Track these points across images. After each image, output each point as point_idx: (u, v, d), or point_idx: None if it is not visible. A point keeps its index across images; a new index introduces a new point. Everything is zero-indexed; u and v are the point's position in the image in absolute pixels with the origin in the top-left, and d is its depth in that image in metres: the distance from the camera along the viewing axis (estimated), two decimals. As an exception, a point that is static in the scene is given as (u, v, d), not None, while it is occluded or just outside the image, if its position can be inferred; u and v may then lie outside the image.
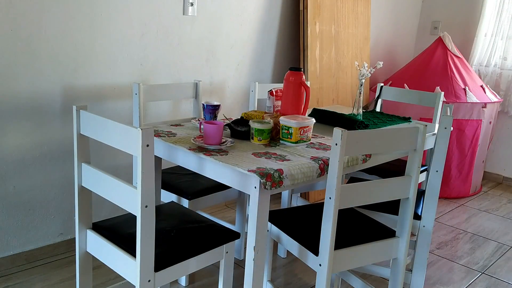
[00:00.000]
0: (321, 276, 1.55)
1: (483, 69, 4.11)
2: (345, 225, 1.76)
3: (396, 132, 1.52)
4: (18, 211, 2.19)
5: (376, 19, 3.97)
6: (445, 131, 1.87)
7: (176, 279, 1.96)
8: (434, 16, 4.44)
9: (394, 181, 1.59)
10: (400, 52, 4.44)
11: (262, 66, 3.15)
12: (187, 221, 1.68)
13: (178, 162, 1.73)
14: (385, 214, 2.07)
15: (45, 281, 2.14)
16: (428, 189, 1.94)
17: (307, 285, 2.29)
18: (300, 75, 2.00)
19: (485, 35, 4.05)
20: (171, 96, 2.32)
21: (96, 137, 1.43)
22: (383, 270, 2.11)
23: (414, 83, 3.61)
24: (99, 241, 1.55)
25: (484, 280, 2.46)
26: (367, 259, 1.65)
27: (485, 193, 3.93)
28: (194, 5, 2.63)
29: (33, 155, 2.18)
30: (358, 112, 2.26)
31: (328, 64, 3.30)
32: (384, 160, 1.93)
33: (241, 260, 2.45)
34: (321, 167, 1.58)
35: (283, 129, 1.80)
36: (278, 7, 3.13)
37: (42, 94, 2.15)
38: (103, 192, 1.45)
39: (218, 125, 1.67)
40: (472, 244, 2.90)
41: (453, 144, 3.58)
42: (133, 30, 2.41)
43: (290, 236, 1.71)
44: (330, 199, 1.45)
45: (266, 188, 1.41)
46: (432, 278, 2.44)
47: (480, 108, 3.55)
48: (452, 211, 3.45)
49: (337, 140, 1.39)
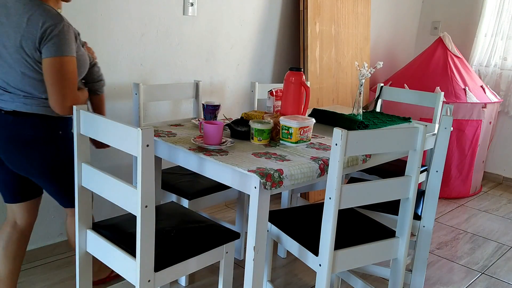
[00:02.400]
0: (321, 276, 1.55)
1: (483, 69, 4.11)
2: (345, 225, 1.76)
3: (396, 132, 1.52)
4: (18, 211, 2.19)
5: (376, 19, 3.97)
6: (445, 131, 1.87)
7: (176, 279, 1.96)
8: (434, 16, 4.44)
9: (394, 181, 1.59)
10: (400, 52, 4.44)
11: (262, 66, 3.14)
12: (187, 221, 1.68)
13: (178, 162, 1.73)
14: (385, 214, 2.07)
15: (45, 281, 2.14)
16: (428, 189, 1.94)
17: (307, 285, 2.29)
18: (300, 75, 2.00)
19: (485, 35, 4.05)
20: (171, 96, 2.31)
21: (96, 137, 1.43)
22: (383, 270, 2.11)
23: (414, 83, 3.61)
24: (99, 241, 1.55)
25: (484, 280, 2.46)
26: (367, 259, 1.65)
27: (485, 193, 3.93)
28: (194, 5, 2.63)
29: (33, 155, 2.18)
30: (358, 112, 2.26)
31: (328, 64, 3.30)
32: (384, 160, 1.93)
33: (241, 260, 2.45)
34: (321, 167, 1.58)
35: (283, 129, 1.80)
36: (278, 7, 3.13)
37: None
38: (103, 192, 1.45)
39: (218, 125, 1.67)
40: (472, 244, 2.90)
41: (453, 144, 3.58)
42: (133, 30, 2.41)
43: (290, 236, 1.71)
44: (330, 199, 1.45)
45: (266, 188, 1.41)
46: (432, 278, 2.44)
47: (480, 108, 3.55)
48: (452, 211, 3.45)
49: (337, 140, 1.39)
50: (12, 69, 1.59)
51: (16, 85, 1.61)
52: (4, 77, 1.62)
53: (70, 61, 1.58)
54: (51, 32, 1.53)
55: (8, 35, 1.56)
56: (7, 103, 1.63)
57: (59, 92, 1.58)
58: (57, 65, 1.56)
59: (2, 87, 1.64)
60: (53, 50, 1.54)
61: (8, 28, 1.56)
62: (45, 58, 1.55)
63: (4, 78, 1.62)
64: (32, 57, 1.56)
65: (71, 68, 1.59)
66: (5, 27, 1.57)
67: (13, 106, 1.62)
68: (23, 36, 1.54)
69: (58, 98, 1.58)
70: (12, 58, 1.58)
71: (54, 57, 1.55)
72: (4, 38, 1.58)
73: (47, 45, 1.54)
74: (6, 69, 1.60)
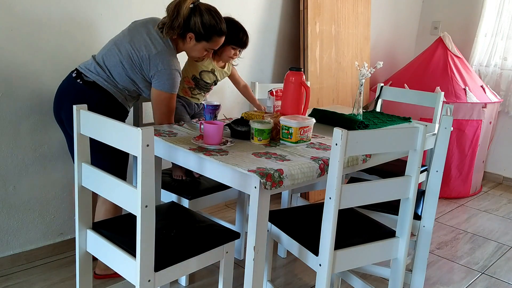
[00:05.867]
0: (321, 276, 1.55)
1: (483, 69, 4.11)
2: (345, 225, 1.76)
3: (396, 132, 1.52)
4: (18, 211, 2.19)
5: (376, 19, 3.97)
6: (445, 131, 1.87)
7: (176, 279, 1.96)
8: (434, 16, 4.44)
9: (394, 181, 1.59)
10: (400, 52, 4.44)
11: (262, 66, 3.14)
12: (187, 221, 1.68)
13: (179, 162, 1.73)
14: (385, 214, 2.07)
15: (45, 281, 2.14)
16: (428, 189, 1.94)
17: (307, 285, 2.29)
18: (300, 75, 2.00)
19: (485, 35, 4.05)
20: (171, 96, 2.31)
21: (96, 137, 1.43)
22: (383, 270, 2.11)
23: (414, 83, 3.61)
24: (99, 241, 1.55)
25: (484, 280, 2.46)
26: (367, 259, 1.65)
27: (485, 193, 3.93)
28: (194, 5, 2.63)
29: (33, 155, 2.18)
30: (358, 112, 2.26)
31: (328, 64, 3.30)
32: (384, 160, 1.93)
33: (241, 260, 2.45)
34: (321, 167, 1.58)
35: (283, 129, 1.80)
36: (278, 7, 3.13)
37: (42, 94, 2.15)
38: (103, 192, 1.45)
39: (218, 125, 1.67)
40: (472, 244, 2.90)
41: (453, 144, 3.58)
42: (133, 30, 2.41)
43: (290, 236, 1.71)
44: (330, 199, 1.45)
45: (266, 188, 1.41)
46: (432, 278, 2.44)
47: (480, 108, 3.55)
48: (452, 211, 3.45)
49: (337, 140, 1.39)
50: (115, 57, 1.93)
51: (110, 68, 1.93)
52: (106, 59, 1.94)
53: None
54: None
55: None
56: (92, 75, 1.92)
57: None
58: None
59: (99, 64, 1.94)
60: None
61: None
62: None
63: (105, 59, 1.94)
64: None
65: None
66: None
67: (95, 78, 1.92)
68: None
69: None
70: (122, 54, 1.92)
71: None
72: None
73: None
74: (113, 55, 1.93)
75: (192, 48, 1.99)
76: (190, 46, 1.98)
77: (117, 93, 1.95)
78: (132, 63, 1.92)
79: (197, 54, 2.03)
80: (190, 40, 1.95)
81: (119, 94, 1.96)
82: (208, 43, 1.97)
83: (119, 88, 1.95)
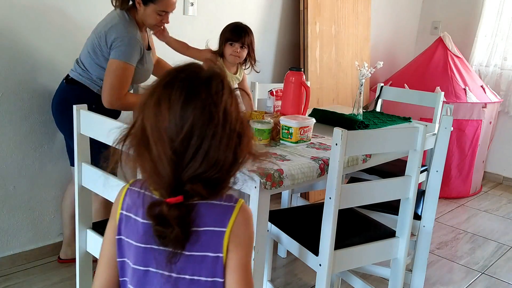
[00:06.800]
0: (321, 276, 1.55)
1: (483, 69, 4.11)
2: (345, 225, 1.76)
3: (396, 132, 1.52)
4: (18, 211, 2.19)
5: (376, 19, 3.97)
6: (445, 131, 1.87)
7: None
8: (434, 16, 4.44)
9: (394, 181, 1.59)
10: (400, 52, 4.44)
11: (262, 66, 3.14)
12: (187, 221, 1.68)
13: (178, 162, 1.72)
14: (385, 214, 2.07)
15: (45, 281, 2.14)
16: (428, 189, 1.94)
17: (307, 285, 2.28)
18: (300, 75, 2.00)
19: (485, 36, 4.04)
20: (171, 96, 2.31)
21: (96, 137, 1.43)
22: (383, 270, 2.11)
23: (414, 83, 3.61)
24: (99, 241, 1.55)
25: (484, 280, 2.46)
26: (367, 259, 1.65)
27: (485, 193, 3.93)
28: (194, 5, 2.63)
29: (33, 155, 2.18)
30: (358, 112, 2.26)
31: (328, 64, 3.30)
32: (384, 160, 1.93)
33: (241, 260, 2.44)
34: (321, 167, 1.58)
35: (283, 129, 1.80)
36: (278, 7, 3.13)
37: (42, 94, 2.15)
38: (103, 192, 1.45)
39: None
40: (472, 244, 2.90)
41: (453, 144, 3.58)
42: (133, 30, 2.40)
43: (290, 236, 1.71)
44: (330, 199, 1.45)
45: (266, 188, 1.41)
46: (432, 278, 2.44)
47: (480, 108, 3.55)
48: (452, 211, 3.45)
49: (337, 140, 1.39)
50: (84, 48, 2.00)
51: (83, 61, 2.00)
52: (81, 55, 2.02)
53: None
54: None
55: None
56: (72, 73, 2.02)
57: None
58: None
59: (77, 61, 2.02)
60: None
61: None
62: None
63: (80, 55, 2.02)
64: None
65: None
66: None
67: (73, 75, 2.00)
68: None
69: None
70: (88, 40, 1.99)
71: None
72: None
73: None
74: (84, 49, 2.01)
75: (144, 14, 1.96)
76: (142, 12, 1.95)
77: (92, 84, 2.00)
78: (95, 48, 1.94)
79: (152, 21, 1.99)
80: (139, 6, 1.94)
81: (94, 85, 2.00)
82: (156, 4, 1.93)
83: (93, 79, 1.99)
